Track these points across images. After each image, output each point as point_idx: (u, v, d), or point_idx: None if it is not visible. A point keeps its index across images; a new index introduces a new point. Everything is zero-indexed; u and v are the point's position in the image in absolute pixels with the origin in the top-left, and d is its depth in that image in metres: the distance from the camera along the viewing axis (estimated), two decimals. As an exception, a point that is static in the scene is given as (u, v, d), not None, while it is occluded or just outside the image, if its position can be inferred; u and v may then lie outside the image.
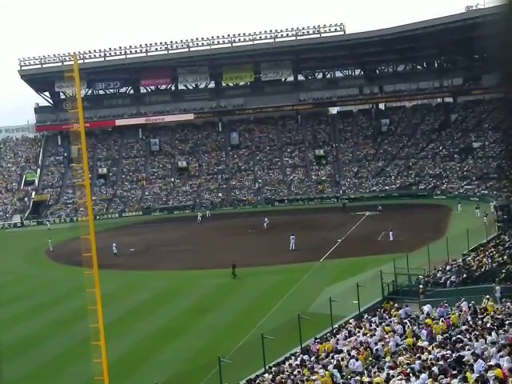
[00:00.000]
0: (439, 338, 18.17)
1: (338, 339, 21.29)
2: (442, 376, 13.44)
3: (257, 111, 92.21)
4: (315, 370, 17.56)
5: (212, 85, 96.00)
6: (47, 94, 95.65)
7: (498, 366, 12.91)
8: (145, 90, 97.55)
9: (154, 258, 49.50)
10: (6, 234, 74.64)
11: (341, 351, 19.24)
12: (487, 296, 22.41)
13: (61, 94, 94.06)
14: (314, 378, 16.49)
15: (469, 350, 15.35)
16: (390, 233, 47.28)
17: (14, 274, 48.11)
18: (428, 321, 20.71)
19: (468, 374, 13.03)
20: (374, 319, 23.48)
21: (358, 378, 15.95)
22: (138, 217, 77.91)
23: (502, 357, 13.70)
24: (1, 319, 33.93)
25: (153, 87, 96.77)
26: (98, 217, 72.82)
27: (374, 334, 20.28)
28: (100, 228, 54.06)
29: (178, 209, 79.84)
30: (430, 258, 33.47)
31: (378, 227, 51.99)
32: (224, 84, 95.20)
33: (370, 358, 18.61)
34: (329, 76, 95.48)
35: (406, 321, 21.88)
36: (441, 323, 20.18)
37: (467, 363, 13.98)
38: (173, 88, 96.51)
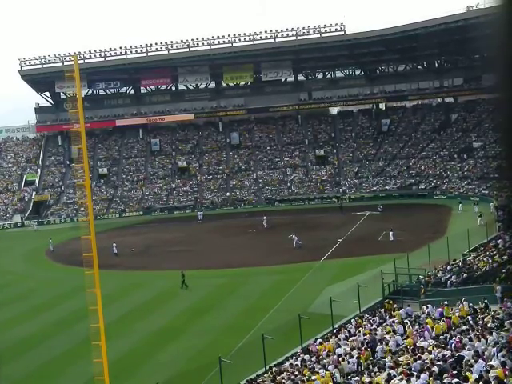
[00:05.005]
0: (434, 339, 18.19)
1: (338, 339, 21.29)
2: (442, 376, 13.44)
3: (257, 111, 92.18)
4: (316, 370, 17.56)
5: (212, 85, 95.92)
6: (47, 94, 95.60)
7: (499, 365, 12.91)
8: (145, 90, 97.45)
9: (154, 258, 49.51)
10: (6, 234, 74.64)
11: (341, 351, 19.24)
12: (445, 302, 22.59)
13: (61, 94, 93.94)
14: (314, 378, 16.49)
15: (469, 350, 15.35)
16: (391, 233, 47.26)
17: (15, 274, 48.14)
18: (428, 321, 20.71)
19: (468, 373, 13.04)
20: (374, 319, 23.48)
21: (358, 377, 15.96)
22: (139, 217, 77.87)
23: (502, 357, 13.70)
24: (1, 319, 33.97)
25: (153, 87, 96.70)
26: (98, 217, 72.74)
27: (375, 334, 20.28)
28: (100, 228, 54.03)
29: (178, 209, 79.80)
30: (431, 258, 33.50)
31: (379, 227, 51.96)
32: (224, 84, 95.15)
33: (371, 358, 18.61)
34: (329, 76, 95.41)
35: (406, 321, 21.88)
36: (442, 323, 20.18)
37: (467, 363, 13.98)
38: (173, 88, 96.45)
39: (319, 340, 22.20)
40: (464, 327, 18.55)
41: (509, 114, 1.81)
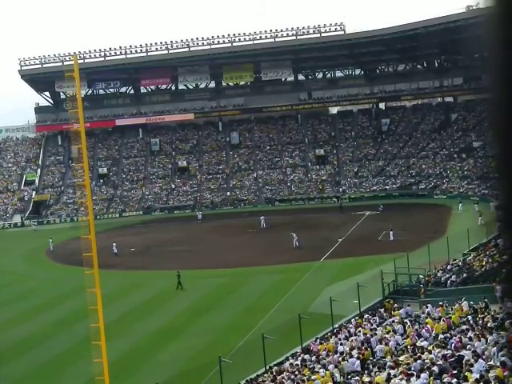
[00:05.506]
0: (435, 337, 18.18)
1: (338, 339, 21.29)
2: (442, 376, 13.44)
3: (257, 111, 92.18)
4: (316, 369, 17.56)
5: (212, 84, 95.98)
6: (47, 93, 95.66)
7: (499, 365, 12.90)
8: (145, 90, 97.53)
9: (154, 258, 49.50)
10: (6, 234, 74.63)
11: (341, 351, 19.24)
12: (440, 303, 22.50)
13: (61, 93, 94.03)
14: (314, 377, 16.49)
15: (469, 349, 15.35)
16: (391, 232, 47.25)
17: (15, 273, 48.13)
18: (428, 321, 20.71)
19: (468, 373, 13.04)
20: (374, 319, 23.47)
21: (358, 377, 15.96)
22: (139, 217, 77.89)
23: (502, 356, 13.69)
24: (1, 319, 33.97)
25: (153, 87, 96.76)
26: (98, 217, 72.71)
27: (375, 334, 20.27)
28: (100, 228, 54.02)
29: (178, 209, 79.84)
30: (431, 258, 33.48)
31: (379, 227, 51.96)
32: (224, 84, 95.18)
33: (371, 358, 18.61)
34: (329, 76, 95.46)
35: (406, 320, 21.87)
36: (442, 323, 20.17)
37: (467, 363, 13.99)
38: (173, 88, 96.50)
39: (319, 340, 22.20)
40: (464, 327, 18.55)
41: (502, 116, 1.80)
